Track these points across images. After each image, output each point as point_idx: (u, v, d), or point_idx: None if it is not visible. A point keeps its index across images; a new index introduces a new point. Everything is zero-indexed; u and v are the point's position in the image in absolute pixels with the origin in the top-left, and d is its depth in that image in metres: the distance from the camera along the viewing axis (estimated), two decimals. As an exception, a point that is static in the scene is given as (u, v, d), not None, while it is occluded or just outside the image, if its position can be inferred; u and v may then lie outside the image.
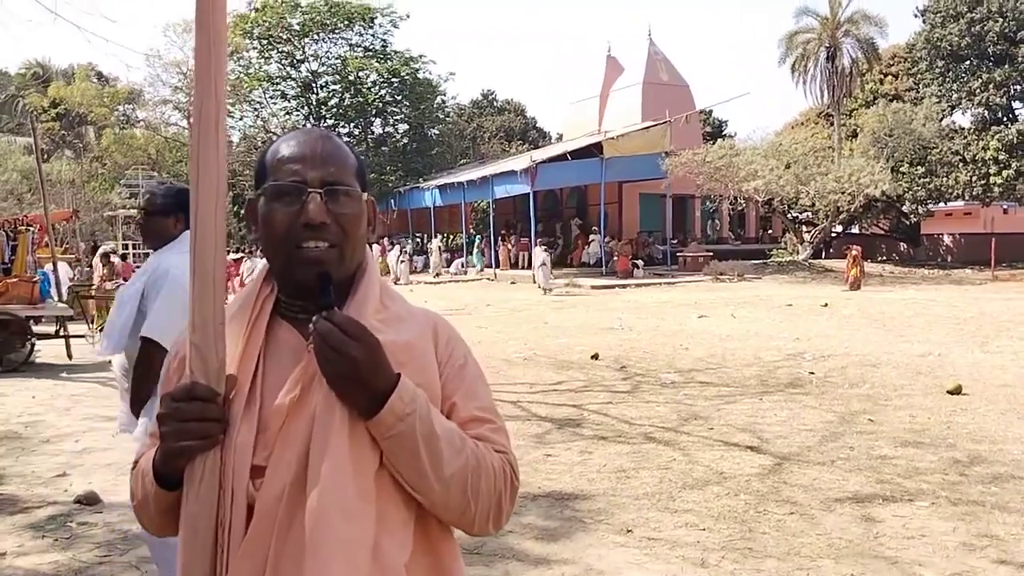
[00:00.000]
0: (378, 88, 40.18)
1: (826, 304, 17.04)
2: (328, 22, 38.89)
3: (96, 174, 37.80)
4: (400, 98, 40.60)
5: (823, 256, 32.02)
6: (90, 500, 4.84)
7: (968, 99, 30.59)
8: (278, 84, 40.66)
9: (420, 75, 40.61)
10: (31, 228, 13.12)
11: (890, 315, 14.92)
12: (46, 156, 34.00)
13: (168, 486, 1.14)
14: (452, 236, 37.48)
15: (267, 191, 1.20)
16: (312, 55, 40.36)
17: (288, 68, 40.50)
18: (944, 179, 29.73)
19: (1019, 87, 30.73)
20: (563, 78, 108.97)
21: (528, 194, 27.71)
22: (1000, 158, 28.66)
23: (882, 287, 22.53)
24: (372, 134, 41.07)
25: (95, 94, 38.52)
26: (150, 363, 2.73)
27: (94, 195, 34.39)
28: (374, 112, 40.66)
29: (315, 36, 39.61)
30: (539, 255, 22.90)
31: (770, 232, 38.17)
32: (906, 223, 33.42)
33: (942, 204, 32.27)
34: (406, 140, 41.87)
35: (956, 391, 7.72)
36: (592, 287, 23.30)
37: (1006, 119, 30.69)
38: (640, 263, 27.20)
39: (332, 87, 40.95)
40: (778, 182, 27.06)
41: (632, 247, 28.44)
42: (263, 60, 40.04)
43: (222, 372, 1.12)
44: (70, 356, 10.57)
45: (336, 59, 40.36)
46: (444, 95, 43.15)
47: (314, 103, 40.49)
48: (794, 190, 27.41)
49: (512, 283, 25.52)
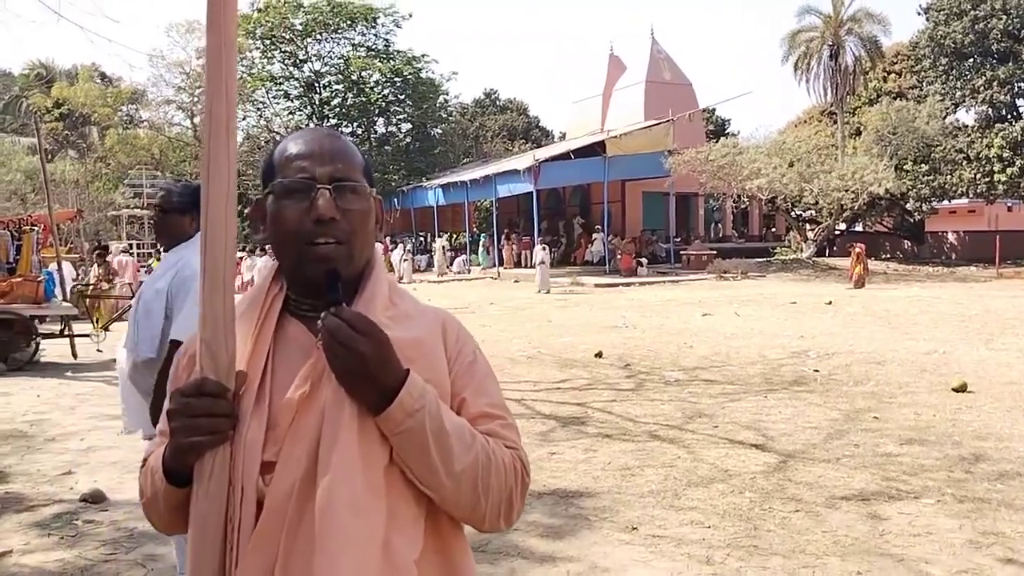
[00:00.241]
0: (381, 88, 40.20)
1: (830, 302, 17.02)
2: (331, 22, 38.91)
3: (100, 174, 37.91)
4: (403, 98, 40.61)
5: (827, 254, 31.97)
6: (96, 498, 4.84)
7: (972, 96, 30.53)
8: (281, 84, 40.69)
9: (423, 75, 40.62)
10: (35, 228, 13.15)
11: (895, 313, 14.90)
12: (50, 156, 34.01)
13: (178, 483, 1.14)
14: (455, 235, 37.51)
15: (276, 189, 1.21)
16: (315, 55, 40.42)
17: (291, 68, 40.55)
18: (948, 177, 29.66)
19: (1023, 84, 30.65)
20: (566, 77, 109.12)
21: (531, 193, 27.71)
22: (1004, 155, 28.60)
23: (886, 285, 22.49)
24: (375, 133, 41.09)
25: (99, 94, 38.62)
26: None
27: (98, 195, 34.49)
28: (377, 112, 40.68)
29: (318, 36, 39.64)
30: (538, 254, 22.94)
31: (774, 230, 38.11)
32: (910, 221, 33.37)
33: (946, 202, 32.22)
34: (409, 139, 41.90)
35: (961, 388, 7.70)
36: (596, 285, 23.29)
37: (1010, 116, 30.61)
38: (644, 261, 27.20)
39: (335, 87, 40.97)
40: (781, 180, 27.00)
41: (635, 245, 28.42)
42: (266, 60, 40.10)
43: (232, 368, 1.12)
44: (75, 355, 10.60)
45: (339, 59, 40.39)
46: (447, 94, 43.23)
47: (317, 103, 40.51)
48: (798, 188, 27.36)
49: (515, 282, 25.52)
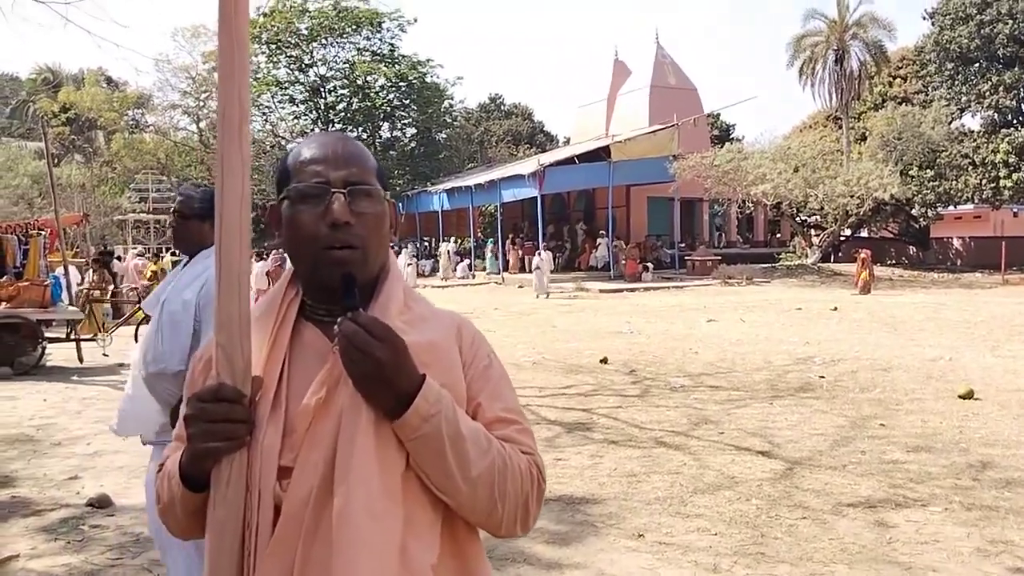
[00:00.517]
0: (386, 92, 40.29)
1: (836, 308, 16.98)
2: (336, 27, 39.03)
3: (106, 178, 38.05)
4: (408, 102, 40.69)
5: (832, 260, 31.90)
6: (102, 503, 4.85)
7: (977, 102, 30.46)
8: (286, 89, 40.80)
9: (428, 79, 40.70)
10: (43, 232, 13.18)
11: (900, 319, 14.85)
12: (56, 161, 34.18)
13: (194, 488, 1.14)
14: (460, 240, 37.59)
15: (291, 194, 1.21)
16: (320, 60, 40.52)
17: (296, 73, 40.65)
18: (953, 182, 29.57)
19: (1029, 90, 30.59)
20: (570, 82, 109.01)
21: (536, 198, 27.71)
22: (1010, 161, 28.50)
23: (892, 291, 22.43)
24: (380, 138, 41.18)
25: (104, 99, 38.82)
26: None
27: (104, 199, 34.62)
28: (382, 116, 40.77)
29: (323, 41, 39.75)
30: (535, 260, 22.99)
31: (779, 236, 38.08)
32: (915, 227, 33.27)
33: (951, 207, 32.09)
34: (414, 144, 41.97)
35: (968, 395, 7.67)
36: (600, 291, 23.27)
37: (1016, 122, 30.54)
38: (650, 266, 27.20)
39: (340, 91, 41.07)
40: (786, 185, 26.97)
41: (640, 251, 28.41)
42: (271, 65, 40.21)
43: (248, 373, 1.12)
44: (81, 360, 10.61)
45: (344, 63, 40.48)
46: (452, 99, 43.26)
47: (322, 107, 40.62)
48: (802, 193, 27.32)
49: (520, 287, 25.51)
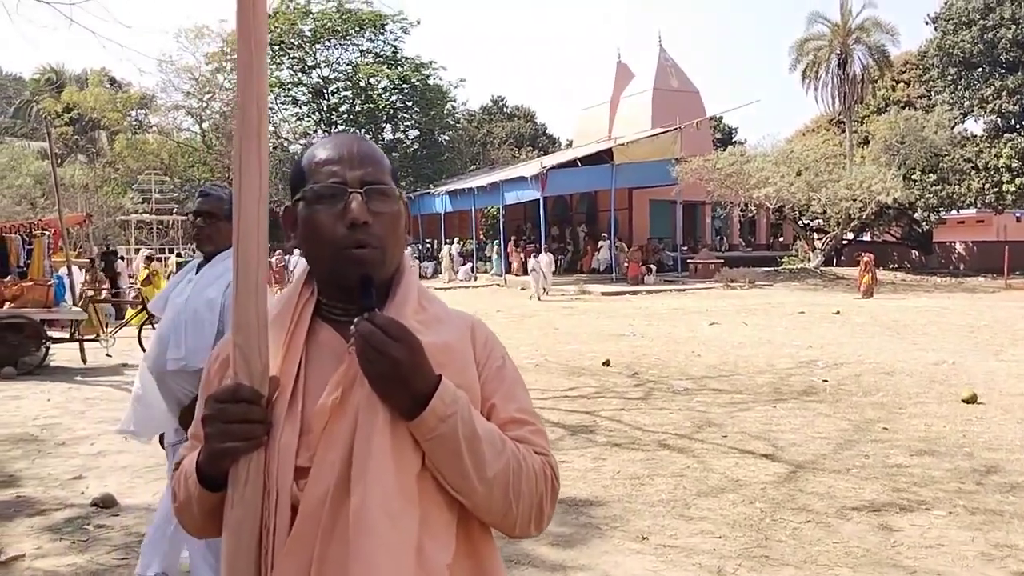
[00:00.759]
0: (389, 94, 40.35)
1: (838, 312, 16.98)
2: (339, 28, 39.11)
3: (109, 179, 38.09)
4: (410, 104, 40.76)
5: (834, 263, 31.86)
6: (107, 503, 4.85)
7: (980, 106, 30.44)
8: (290, 90, 40.88)
9: (430, 81, 40.77)
10: (46, 232, 13.20)
11: (903, 323, 14.85)
12: (60, 161, 34.21)
13: (211, 487, 1.14)
14: (463, 242, 37.62)
15: (307, 195, 1.21)
16: (323, 61, 40.61)
17: (299, 74, 40.73)
18: (956, 187, 29.56)
19: (1032, 94, 30.56)
20: (573, 84, 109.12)
21: (538, 200, 27.73)
22: (1013, 166, 28.49)
23: (894, 295, 22.42)
24: (383, 140, 41.22)
25: (108, 99, 38.85)
26: None
27: (107, 199, 34.66)
28: (385, 118, 40.82)
29: (326, 42, 39.84)
30: (530, 262, 23.00)
31: (781, 239, 38.04)
32: (918, 231, 33.25)
33: (954, 212, 32.10)
34: (416, 146, 42.02)
35: (971, 400, 7.67)
36: (602, 293, 23.27)
37: (1019, 126, 30.50)
38: (653, 268, 27.20)
39: (343, 93, 41.15)
40: (789, 189, 26.96)
41: (642, 253, 28.42)
42: (275, 66, 40.22)
43: (265, 373, 1.12)
44: (84, 360, 10.64)
45: (347, 65, 40.57)
46: (454, 101, 43.34)
47: (325, 109, 40.68)
48: (805, 197, 27.31)
49: (522, 289, 25.49)
